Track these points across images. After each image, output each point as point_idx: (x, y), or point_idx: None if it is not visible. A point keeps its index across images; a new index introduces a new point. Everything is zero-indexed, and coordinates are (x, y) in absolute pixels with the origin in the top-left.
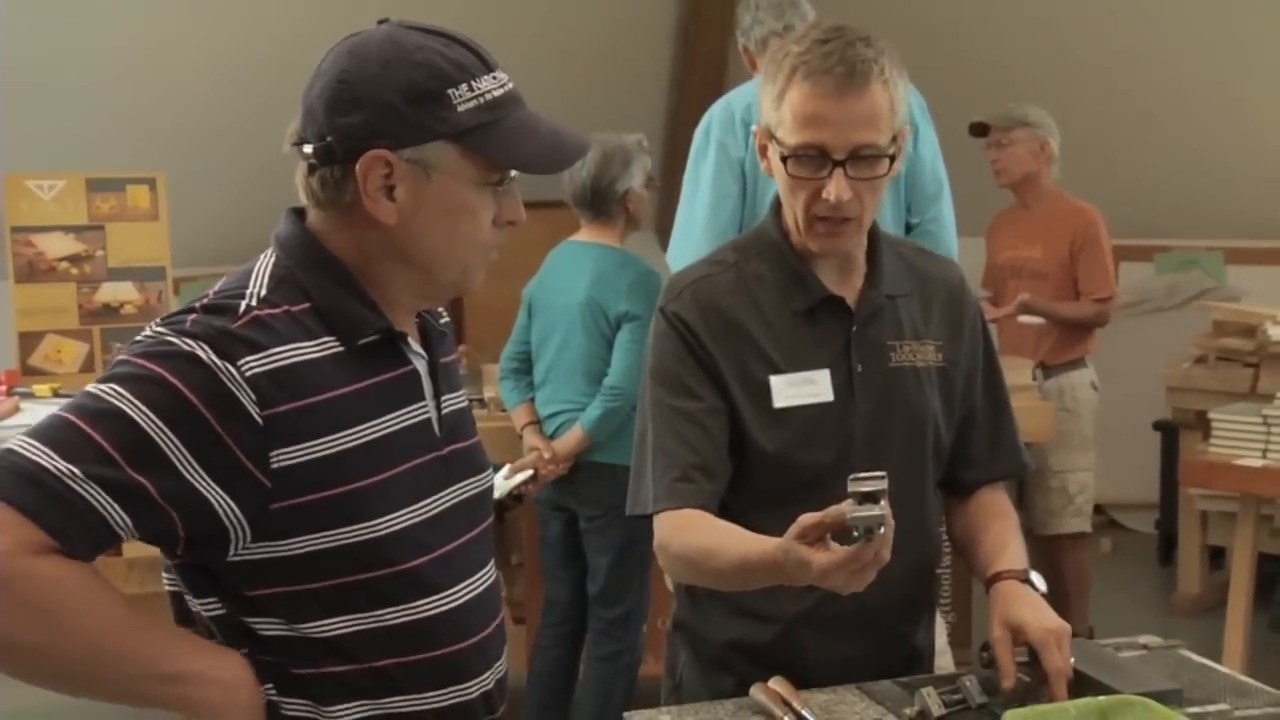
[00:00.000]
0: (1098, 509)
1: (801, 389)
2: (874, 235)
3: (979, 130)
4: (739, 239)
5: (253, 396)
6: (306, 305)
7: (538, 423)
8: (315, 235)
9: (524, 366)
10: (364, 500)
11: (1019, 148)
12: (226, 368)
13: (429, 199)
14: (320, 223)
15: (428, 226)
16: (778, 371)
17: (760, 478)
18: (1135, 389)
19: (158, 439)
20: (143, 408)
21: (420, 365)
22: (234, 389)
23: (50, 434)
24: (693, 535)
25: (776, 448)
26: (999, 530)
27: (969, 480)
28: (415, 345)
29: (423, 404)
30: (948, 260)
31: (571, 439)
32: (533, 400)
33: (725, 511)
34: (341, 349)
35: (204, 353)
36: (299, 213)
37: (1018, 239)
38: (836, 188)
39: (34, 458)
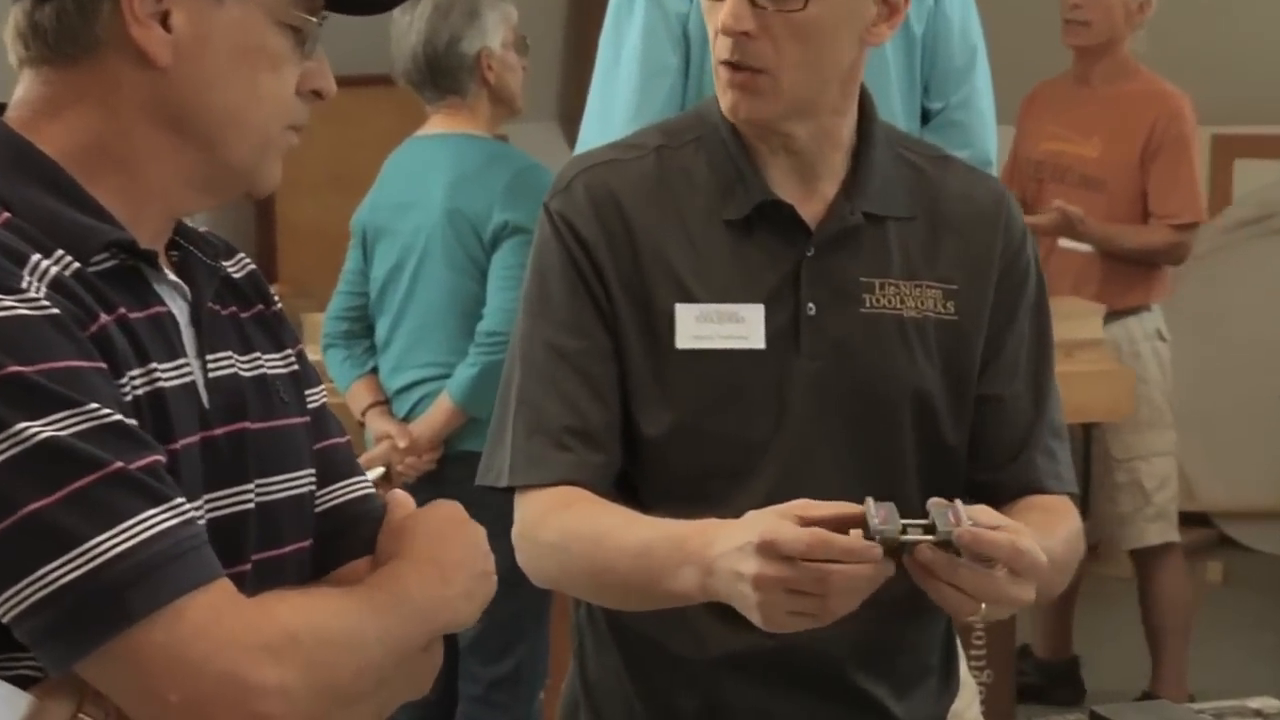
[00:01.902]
0: (1203, 520)
1: (719, 327)
2: (866, 128)
3: None
4: (671, 120)
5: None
6: (6, 216)
7: (385, 402)
8: (15, 130)
9: (359, 328)
10: None
11: None
12: (27, 303)
13: (218, 32)
14: (37, 94)
15: (216, 72)
16: (690, 299)
17: (651, 458)
18: (1253, 345)
19: (103, 423)
20: (50, 420)
21: (178, 309)
22: (53, 316)
23: (69, 527)
24: (574, 514)
25: (674, 410)
26: (1023, 518)
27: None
28: (170, 275)
29: (182, 362)
30: (982, 174)
31: (436, 416)
32: (375, 373)
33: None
34: (80, 265)
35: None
36: None
37: (1068, 127)
38: (727, 9)
39: (108, 553)
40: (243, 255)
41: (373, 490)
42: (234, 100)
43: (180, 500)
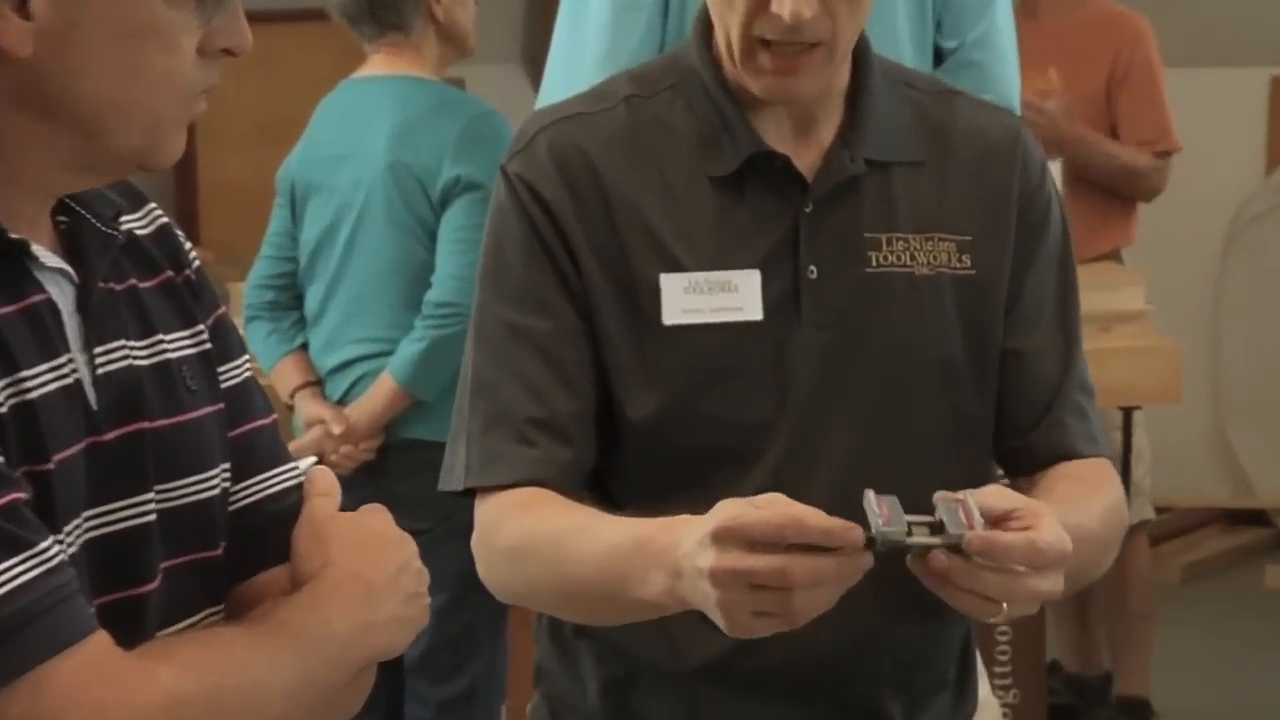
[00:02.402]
0: (1260, 518)
1: (711, 299)
2: (860, 63)
3: None
4: (641, 67)
5: None
6: None
7: (317, 383)
8: None
9: (286, 298)
10: None
11: None
12: None
13: (90, 15)
14: None
15: (90, 59)
16: (676, 268)
17: (638, 444)
18: None
19: None
20: None
21: (62, 294)
22: None
23: None
24: (535, 516)
25: (662, 392)
26: (1054, 490)
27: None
28: (51, 259)
29: (63, 360)
30: (992, 107)
31: (377, 399)
32: (304, 349)
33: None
34: None
35: None
36: None
37: (1022, 65)
38: (793, 1)
39: None
40: (153, 207)
41: (300, 481)
42: (114, 86)
43: (44, 545)
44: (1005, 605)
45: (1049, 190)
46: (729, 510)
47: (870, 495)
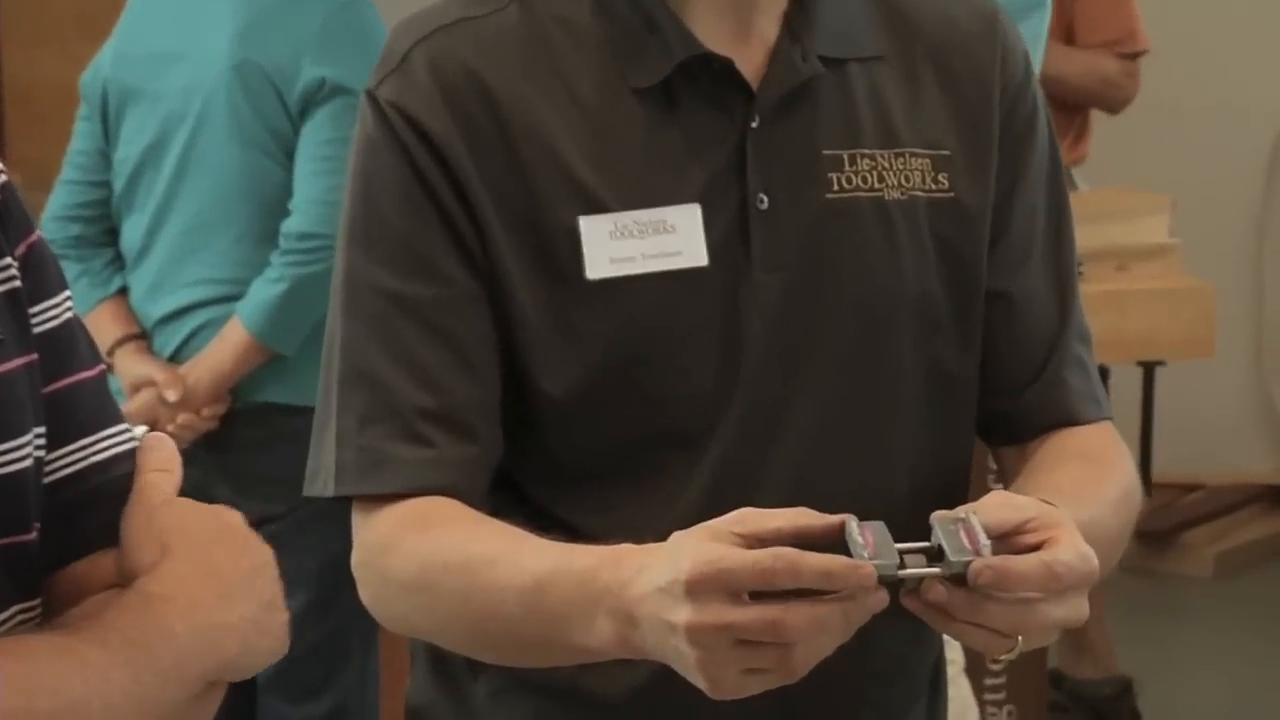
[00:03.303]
0: None
1: (642, 243)
2: None
3: None
4: None
5: None
6: None
7: (141, 336)
8: None
9: (96, 233)
10: None
11: None
12: None
13: None
14: None
15: None
16: (598, 209)
17: (555, 433)
18: None
19: None
20: None
21: None
22: None
23: None
24: (438, 538)
25: (587, 367)
26: (1062, 474)
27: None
28: None
29: None
30: None
31: (223, 354)
32: (124, 294)
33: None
34: None
35: None
36: None
37: None
38: None
39: None
40: None
41: (134, 447)
42: None
43: None
44: (1019, 639)
45: (1034, 90)
46: (703, 551)
47: (852, 524)
